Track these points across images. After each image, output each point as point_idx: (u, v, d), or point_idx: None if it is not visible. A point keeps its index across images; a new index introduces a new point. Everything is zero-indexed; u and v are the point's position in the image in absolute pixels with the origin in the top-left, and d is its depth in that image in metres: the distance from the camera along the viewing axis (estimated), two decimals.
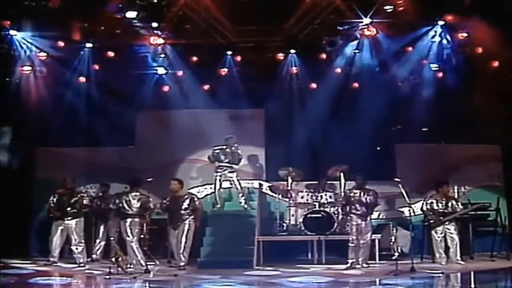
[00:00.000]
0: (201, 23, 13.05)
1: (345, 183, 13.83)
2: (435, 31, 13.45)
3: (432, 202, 12.53)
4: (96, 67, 14.42)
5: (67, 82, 14.54)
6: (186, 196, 12.24)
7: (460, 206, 12.52)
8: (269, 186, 15.02)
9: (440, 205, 12.46)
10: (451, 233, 12.34)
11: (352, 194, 12.23)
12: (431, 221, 12.46)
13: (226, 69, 14.59)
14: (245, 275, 11.07)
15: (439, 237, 12.38)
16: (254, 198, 14.30)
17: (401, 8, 12.57)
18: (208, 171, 14.54)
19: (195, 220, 12.16)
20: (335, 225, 13.08)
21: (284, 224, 13.75)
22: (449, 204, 12.45)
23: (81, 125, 14.80)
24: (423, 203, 12.69)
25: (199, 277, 10.94)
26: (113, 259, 10.97)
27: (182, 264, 11.84)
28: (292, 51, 14.25)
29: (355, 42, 13.86)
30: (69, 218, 12.32)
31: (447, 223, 12.37)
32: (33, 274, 11.32)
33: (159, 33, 13.41)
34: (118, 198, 12.03)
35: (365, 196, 12.14)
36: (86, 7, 12.45)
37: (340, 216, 13.16)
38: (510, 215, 14.58)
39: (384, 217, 14.69)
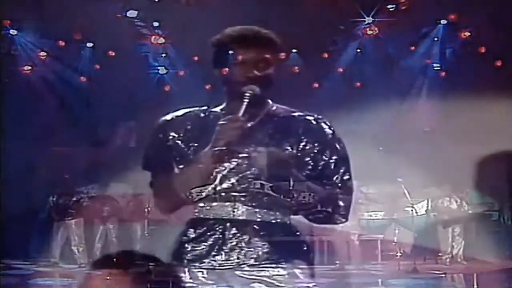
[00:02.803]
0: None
1: None
2: (438, 30, 13.40)
3: (446, 200, 12.43)
4: (97, 66, 14.38)
5: (67, 82, 14.50)
6: None
7: (472, 207, 12.47)
8: (271, 186, 14.90)
9: (455, 204, 12.38)
10: (458, 234, 12.29)
11: None
12: (445, 220, 12.39)
13: (227, 69, 14.47)
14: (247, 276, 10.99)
15: (448, 236, 12.31)
16: None
17: (404, 7, 12.53)
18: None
19: None
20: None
21: None
22: (464, 204, 12.38)
23: (82, 125, 14.74)
24: (438, 201, 12.60)
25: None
26: (114, 260, 10.92)
27: None
28: (294, 50, 14.20)
29: (357, 41, 13.83)
30: (69, 218, 12.26)
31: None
32: (34, 275, 11.28)
33: (160, 32, 13.37)
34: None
35: None
36: (87, 6, 12.41)
37: None
38: None
39: (386, 217, 14.62)
